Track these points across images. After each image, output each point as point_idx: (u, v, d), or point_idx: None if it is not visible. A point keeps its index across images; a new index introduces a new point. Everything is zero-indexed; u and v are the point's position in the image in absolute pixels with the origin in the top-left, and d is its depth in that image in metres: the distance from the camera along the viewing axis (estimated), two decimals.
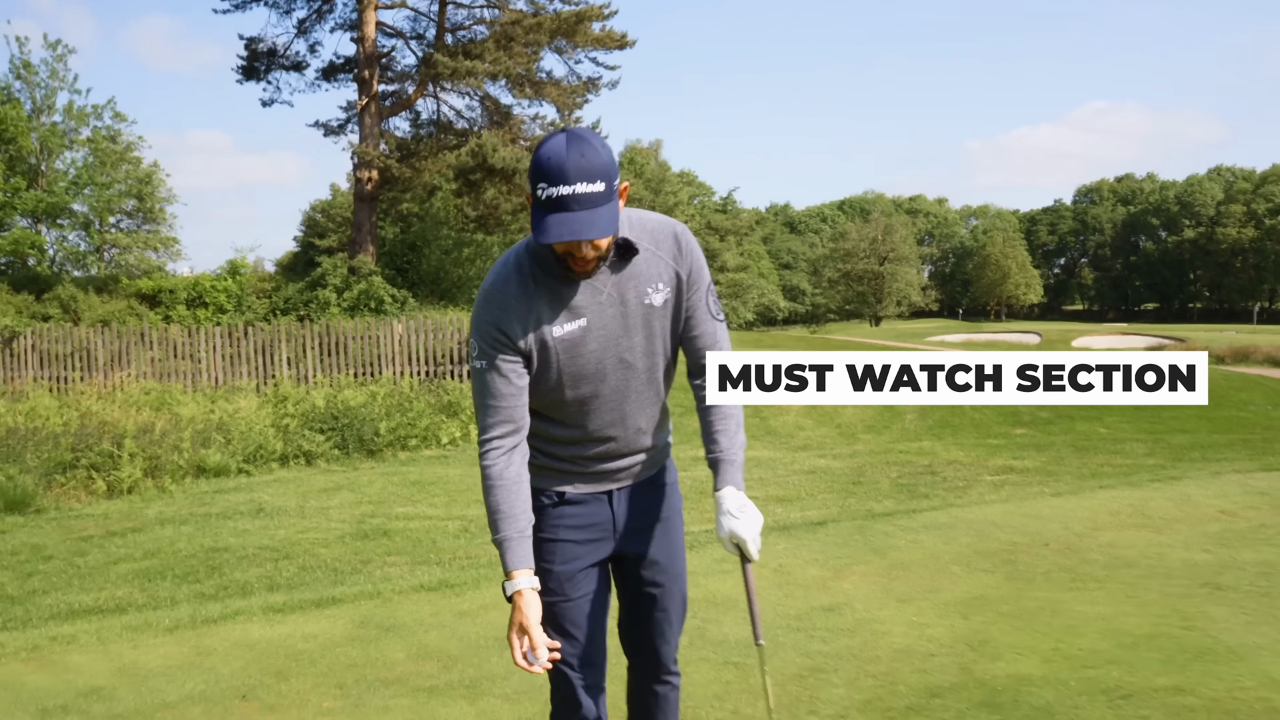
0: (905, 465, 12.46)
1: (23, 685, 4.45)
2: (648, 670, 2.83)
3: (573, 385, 2.48)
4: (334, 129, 25.58)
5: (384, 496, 10.71)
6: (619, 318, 2.47)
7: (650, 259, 2.49)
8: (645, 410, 2.61)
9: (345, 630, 5.19)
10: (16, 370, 18.77)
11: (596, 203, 2.21)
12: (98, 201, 44.65)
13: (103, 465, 11.02)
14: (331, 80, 25.51)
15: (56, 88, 43.42)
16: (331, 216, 50.84)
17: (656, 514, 2.72)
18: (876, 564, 6.29)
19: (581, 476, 2.61)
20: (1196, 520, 7.38)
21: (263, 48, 25.02)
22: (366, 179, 23.72)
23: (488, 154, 22.52)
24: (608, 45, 24.55)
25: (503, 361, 2.42)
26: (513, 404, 2.43)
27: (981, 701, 3.95)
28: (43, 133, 41.92)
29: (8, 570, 7.63)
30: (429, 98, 25.38)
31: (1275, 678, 4.11)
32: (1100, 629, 4.82)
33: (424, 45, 25.17)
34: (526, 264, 2.44)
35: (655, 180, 61.76)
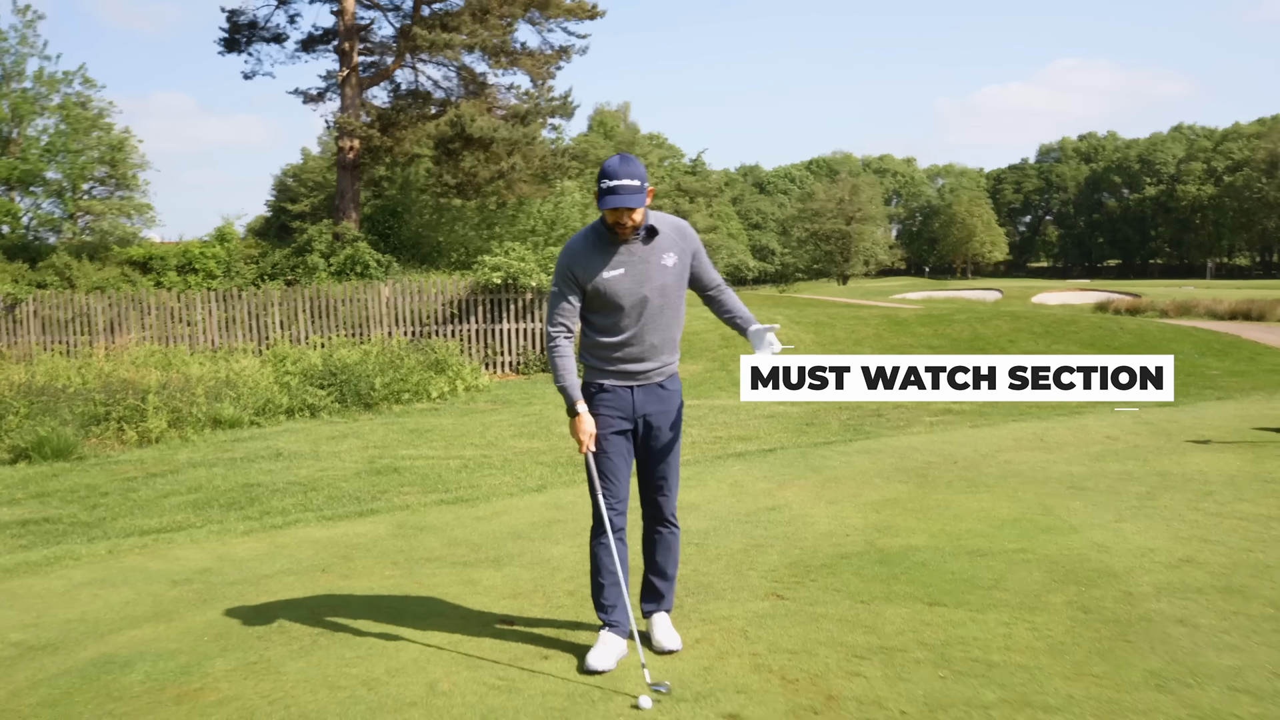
0: (856, 410, 13.84)
1: (148, 568, 5.79)
2: (654, 517, 4.24)
3: (614, 308, 3.95)
4: (314, 97, 26.48)
5: (387, 442, 12.00)
6: (644, 270, 3.95)
7: (666, 238, 4.02)
8: (656, 331, 4.02)
9: (387, 530, 6.56)
10: (20, 335, 19.87)
11: (633, 191, 3.78)
12: (71, 169, 45.01)
13: (131, 418, 12.26)
14: (311, 51, 26.40)
15: (26, 54, 43.58)
16: (303, 181, 51.46)
17: (663, 405, 4.12)
18: (814, 479, 7.71)
19: (614, 374, 4.04)
20: (1084, 444, 8.84)
21: (244, 20, 25.88)
22: (348, 148, 24.76)
23: (465, 124, 23.61)
24: (578, 15, 25.58)
25: (567, 290, 3.97)
26: (570, 315, 3.99)
27: (877, 560, 5.35)
28: (13, 100, 42.21)
29: (74, 504, 8.90)
30: (407, 68, 26.37)
31: (1096, 541, 5.54)
32: (977, 516, 6.25)
33: (402, 17, 26.10)
34: (591, 235, 3.98)
35: (625, 143, 62.72)
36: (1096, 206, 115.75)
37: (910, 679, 3.75)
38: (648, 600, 4.29)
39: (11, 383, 13.11)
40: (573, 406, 3.96)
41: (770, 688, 3.71)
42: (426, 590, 5.09)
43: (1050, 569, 5.06)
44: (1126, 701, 3.50)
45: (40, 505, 8.84)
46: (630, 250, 3.94)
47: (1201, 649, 3.95)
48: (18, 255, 24.65)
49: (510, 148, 24.19)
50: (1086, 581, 4.84)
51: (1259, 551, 5.27)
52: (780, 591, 4.86)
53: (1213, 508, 6.28)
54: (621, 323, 3.97)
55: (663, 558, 4.25)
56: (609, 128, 64.01)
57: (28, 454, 10.96)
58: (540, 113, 25.40)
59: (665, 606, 4.28)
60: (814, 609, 4.57)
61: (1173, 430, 9.44)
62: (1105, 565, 5.10)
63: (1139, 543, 5.50)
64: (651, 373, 4.08)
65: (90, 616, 4.86)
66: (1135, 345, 21.61)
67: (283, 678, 3.93)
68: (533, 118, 25.15)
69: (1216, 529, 5.75)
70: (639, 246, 3.95)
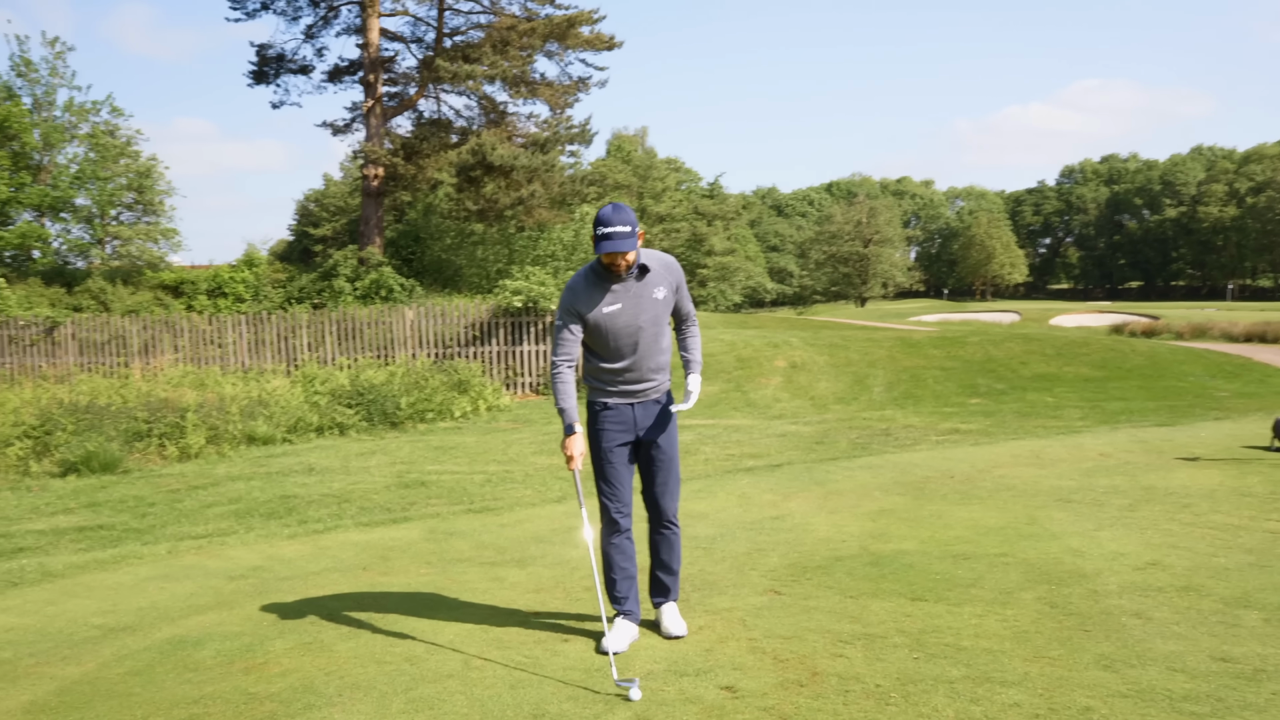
0: (865, 429, 14.33)
1: (205, 566, 6.37)
2: (658, 519, 4.76)
3: (613, 338, 4.46)
4: (340, 128, 27.32)
5: (413, 458, 12.58)
6: (638, 304, 4.46)
7: (657, 274, 4.52)
8: (652, 356, 4.55)
9: (420, 535, 7.12)
10: (59, 357, 20.61)
11: (625, 237, 4.27)
12: (100, 195, 46.05)
13: (171, 434, 12.90)
14: (337, 82, 27.23)
15: (56, 84, 44.74)
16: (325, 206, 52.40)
17: (659, 419, 4.66)
18: (817, 491, 8.23)
19: (616, 393, 4.57)
20: (1078, 460, 9.33)
21: (272, 53, 26.75)
22: (373, 176, 25.52)
23: (486, 152, 24.33)
24: (597, 47, 26.33)
25: (570, 322, 4.46)
26: (572, 345, 4.48)
27: (868, 562, 5.86)
28: (44, 129, 43.32)
29: (125, 513, 9.51)
30: (430, 98, 27.18)
31: (1073, 547, 6.04)
32: (966, 524, 6.76)
33: (424, 49, 26.93)
34: (589, 274, 4.48)
35: (642, 167, 63.51)
36: (1117, 228, 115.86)
37: (887, 659, 4.26)
38: (656, 594, 4.82)
39: (58, 401, 13.78)
40: (570, 427, 4.44)
41: (763, 665, 4.23)
42: (458, 585, 5.65)
43: (1026, 570, 5.56)
44: (1075, 679, 4.00)
45: (93, 514, 9.45)
46: (625, 287, 4.45)
47: (1151, 637, 4.45)
48: (54, 280, 25.46)
49: (530, 175, 24.88)
50: (1058, 581, 5.34)
51: (1221, 556, 5.76)
52: (778, 588, 5.38)
53: (1188, 518, 6.76)
54: (621, 351, 4.49)
55: (667, 555, 4.77)
56: (627, 152, 64.85)
57: (76, 467, 11.60)
58: (559, 140, 26.10)
59: (672, 598, 4.81)
60: (807, 602, 5.09)
61: (1165, 448, 9.92)
62: (1077, 567, 5.59)
63: (1112, 548, 5.99)
64: (649, 390, 4.62)
65: (160, 605, 5.45)
66: (1146, 368, 22.02)
67: (336, 655, 4.49)
68: (551, 145, 25.84)
69: (1187, 537, 6.24)
70: (633, 283, 4.46)
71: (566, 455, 4.44)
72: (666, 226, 65.50)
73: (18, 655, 4.69)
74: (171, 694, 4.10)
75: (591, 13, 25.58)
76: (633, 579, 4.66)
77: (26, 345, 20.54)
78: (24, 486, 11.05)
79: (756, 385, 20.76)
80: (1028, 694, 3.85)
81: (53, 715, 3.93)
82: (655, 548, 4.80)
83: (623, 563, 4.63)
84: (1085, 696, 3.81)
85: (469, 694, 3.99)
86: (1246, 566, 5.50)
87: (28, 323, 20.61)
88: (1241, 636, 4.42)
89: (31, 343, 20.52)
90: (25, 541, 8.22)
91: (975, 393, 19.36)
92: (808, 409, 18.18)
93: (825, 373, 21.73)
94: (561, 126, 26.86)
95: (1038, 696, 3.83)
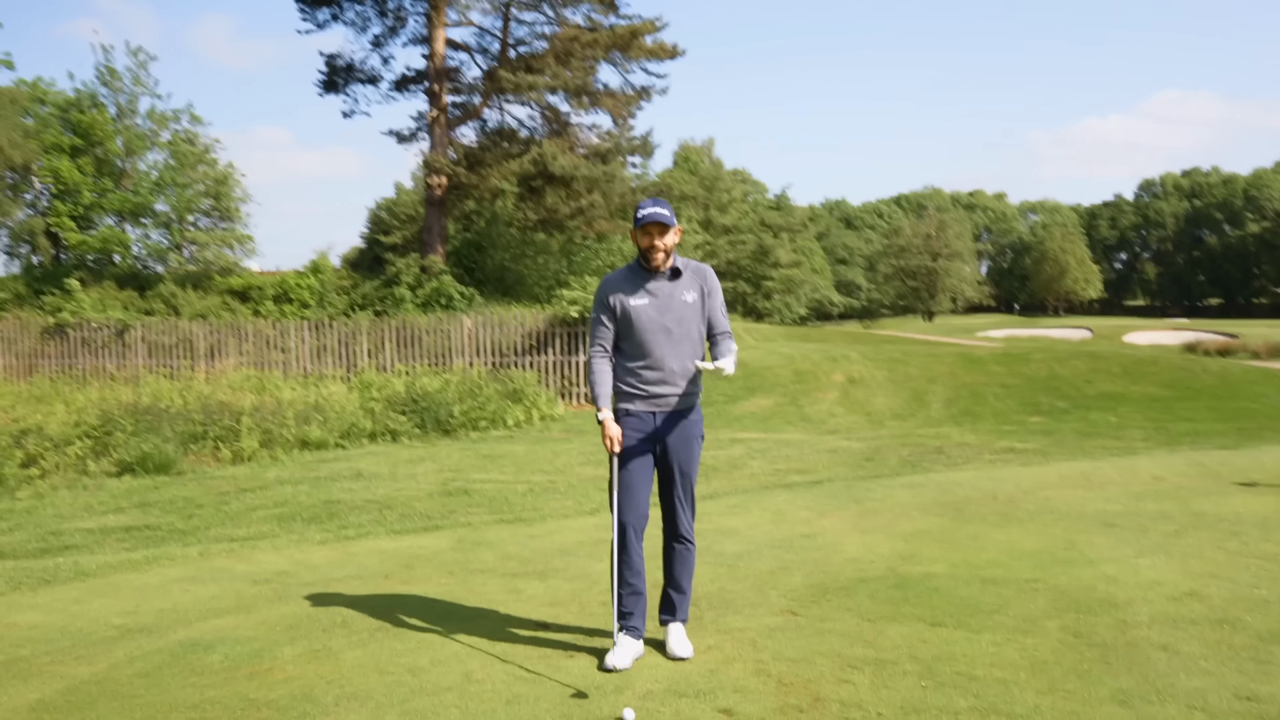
0: (918, 446, 14.10)
1: (233, 569, 6.45)
2: (672, 534, 4.71)
3: (640, 334, 4.53)
4: (406, 137, 27.71)
5: (461, 466, 12.66)
6: (666, 303, 4.55)
7: (689, 278, 4.61)
8: (676, 359, 4.55)
9: (448, 544, 7.14)
10: (128, 359, 21.15)
11: (666, 218, 4.47)
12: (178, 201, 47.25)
13: (226, 437, 13.14)
14: (403, 92, 27.63)
15: (139, 93, 46.07)
16: (396, 214, 53.21)
17: (681, 432, 4.62)
18: (854, 509, 8.09)
19: (641, 397, 4.58)
20: (1129, 483, 9.06)
21: (341, 63, 27.23)
22: (437, 185, 25.82)
23: (548, 162, 24.49)
24: (659, 56, 26.38)
25: (603, 313, 4.61)
26: (606, 337, 4.62)
27: (893, 585, 5.73)
28: (127, 136, 44.62)
29: (173, 514, 9.69)
30: (494, 108, 27.43)
31: (1108, 574, 5.84)
32: (1001, 548, 6.58)
33: (489, 59, 27.21)
34: (626, 270, 4.65)
35: (709, 178, 63.42)
36: (1197, 243, 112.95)
37: (894, 687, 4.15)
38: (664, 612, 4.74)
39: (120, 402, 14.12)
40: (599, 412, 4.54)
41: (766, 689, 4.14)
42: (476, 596, 5.64)
43: (1056, 597, 5.39)
44: (1087, 714, 3.85)
45: (142, 514, 9.65)
46: (658, 285, 4.57)
47: (1174, 672, 4.27)
48: (127, 284, 26.17)
49: (590, 185, 24.99)
50: (1086, 610, 5.16)
51: (1264, 588, 5.52)
52: (795, 609, 5.28)
53: (1235, 546, 6.51)
54: (645, 346, 4.54)
55: (678, 572, 4.70)
56: (693, 163, 64.83)
57: (132, 468, 11.87)
58: (620, 151, 26.19)
59: (680, 617, 4.72)
60: (822, 624, 4.99)
61: (1223, 472, 9.59)
62: (1109, 595, 5.41)
63: (1149, 576, 5.78)
64: (672, 398, 4.59)
65: (181, 607, 5.53)
66: (1216, 388, 21.38)
67: (341, 663, 4.50)
68: (613, 156, 25.94)
69: (1230, 566, 6.00)
70: (665, 283, 4.57)
71: (606, 439, 4.51)
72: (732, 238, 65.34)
73: (35, 653, 4.78)
74: (174, 697, 4.13)
75: (654, 22, 25.65)
76: (640, 595, 4.60)
77: (98, 347, 21.11)
78: (81, 485, 11.33)
79: (812, 400, 20.56)
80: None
81: (57, 714, 3.99)
82: (668, 563, 4.75)
83: (630, 578, 4.58)
84: None
85: (464, 708, 3.96)
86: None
87: (100, 325, 21.18)
88: (1272, 674, 4.22)
89: (103, 345, 21.09)
90: (73, 539, 8.41)
91: (1036, 411, 18.96)
92: (863, 425, 17.95)
93: (883, 388, 21.44)
94: (623, 138, 26.95)
95: None
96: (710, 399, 20.71)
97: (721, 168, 67.18)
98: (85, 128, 42.43)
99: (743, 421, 18.28)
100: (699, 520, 7.17)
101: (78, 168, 41.91)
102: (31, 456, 11.87)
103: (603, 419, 4.52)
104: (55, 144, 42.81)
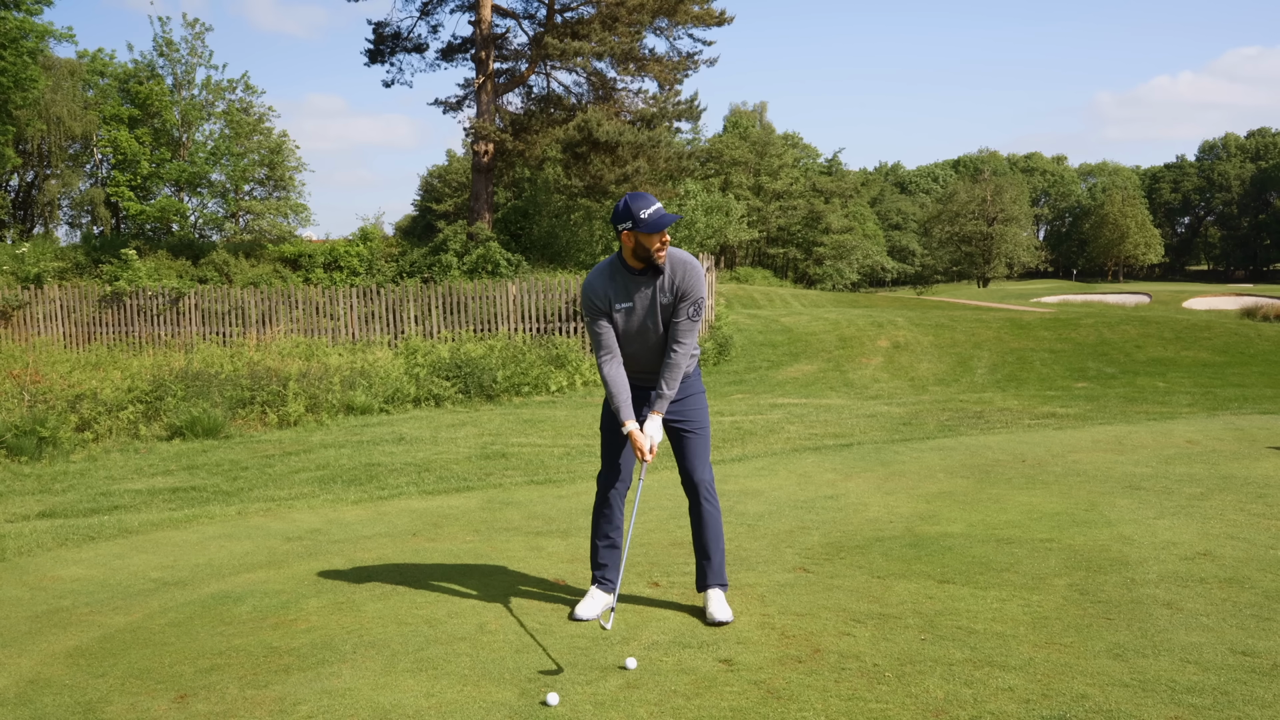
0: (959, 411, 14.05)
1: (268, 527, 6.70)
2: (695, 492, 4.73)
3: (626, 334, 4.54)
4: (452, 105, 27.88)
5: (501, 430, 12.87)
6: (647, 306, 4.49)
7: (669, 279, 4.48)
8: (658, 356, 4.59)
9: (477, 504, 7.34)
10: (182, 326, 21.66)
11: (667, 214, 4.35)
12: (234, 171, 48.01)
13: (273, 402, 13.48)
14: (450, 60, 27.79)
15: (195, 64, 46.80)
16: (448, 182, 53.66)
17: (680, 403, 4.66)
18: (880, 471, 8.15)
19: (635, 376, 4.64)
20: (1161, 447, 9.00)
21: (388, 31, 27.43)
22: (483, 151, 26.00)
23: (592, 128, 24.52)
24: (706, 22, 26.24)
25: (599, 317, 4.51)
26: (609, 335, 4.52)
27: (908, 544, 5.81)
28: (184, 106, 45.36)
29: (218, 476, 10.01)
30: (540, 75, 27.50)
31: (1124, 535, 5.87)
32: (1021, 509, 6.62)
33: (535, 25, 27.25)
34: (607, 270, 4.52)
35: (759, 143, 63.03)
36: (1264, 206, 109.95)
37: (893, 640, 4.25)
38: (701, 581, 4.77)
39: (172, 368, 14.52)
40: (622, 425, 4.49)
41: (768, 640, 4.27)
42: (498, 553, 5.82)
43: (1068, 557, 5.44)
44: (1080, 666, 3.92)
45: (190, 476, 9.98)
46: (641, 285, 4.47)
47: (1174, 628, 4.32)
48: (182, 252, 26.71)
49: (635, 151, 25.00)
50: (1096, 568, 5.21)
51: (1279, 549, 5.53)
52: (807, 566, 5.39)
53: (1259, 509, 6.48)
54: (631, 344, 4.57)
55: (706, 538, 4.70)
56: (744, 128, 64.43)
57: (182, 431, 12.24)
58: (666, 116, 26.15)
59: (717, 582, 4.73)
60: (832, 581, 5.09)
61: (1260, 436, 9.48)
62: (1122, 555, 5.44)
63: (1166, 537, 5.80)
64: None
65: (216, 562, 5.78)
66: (1272, 353, 20.99)
67: (362, 614, 4.70)
68: (658, 121, 25.92)
69: (1249, 528, 5.99)
70: (648, 282, 4.47)
71: (636, 450, 4.46)
72: (783, 204, 65.01)
73: (75, 604, 5.05)
74: (201, 645, 4.36)
75: None
76: (616, 549, 4.73)
77: (154, 315, 21.64)
78: (133, 448, 11.72)
79: (856, 365, 20.53)
80: (1026, 679, 3.80)
81: (91, 660, 4.23)
82: (694, 529, 4.76)
83: (609, 532, 4.73)
84: (1084, 684, 3.74)
85: (475, 656, 4.14)
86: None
87: (155, 293, 21.69)
88: (1272, 631, 4.26)
89: (158, 313, 21.61)
90: (121, 500, 8.75)
91: (1084, 376, 18.77)
92: (905, 390, 17.91)
93: (928, 353, 21.34)
94: (669, 103, 26.89)
95: (1035, 682, 3.78)
96: (754, 365, 20.77)
97: (773, 132, 66.77)
98: (143, 99, 43.25)
99: (784, 387, 18.32)
100: (724, 482, 7.33)
101: (136, 138, 42.77)
102: (86, 420, 12.28)
103: (629, 430, 4.47)
104: (114, 115, 43.73)
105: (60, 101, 42.71)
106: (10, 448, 11.06)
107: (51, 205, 49.69)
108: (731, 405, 15.31)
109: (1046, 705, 3.57)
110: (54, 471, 10.47)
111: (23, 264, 24.01)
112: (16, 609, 5.06)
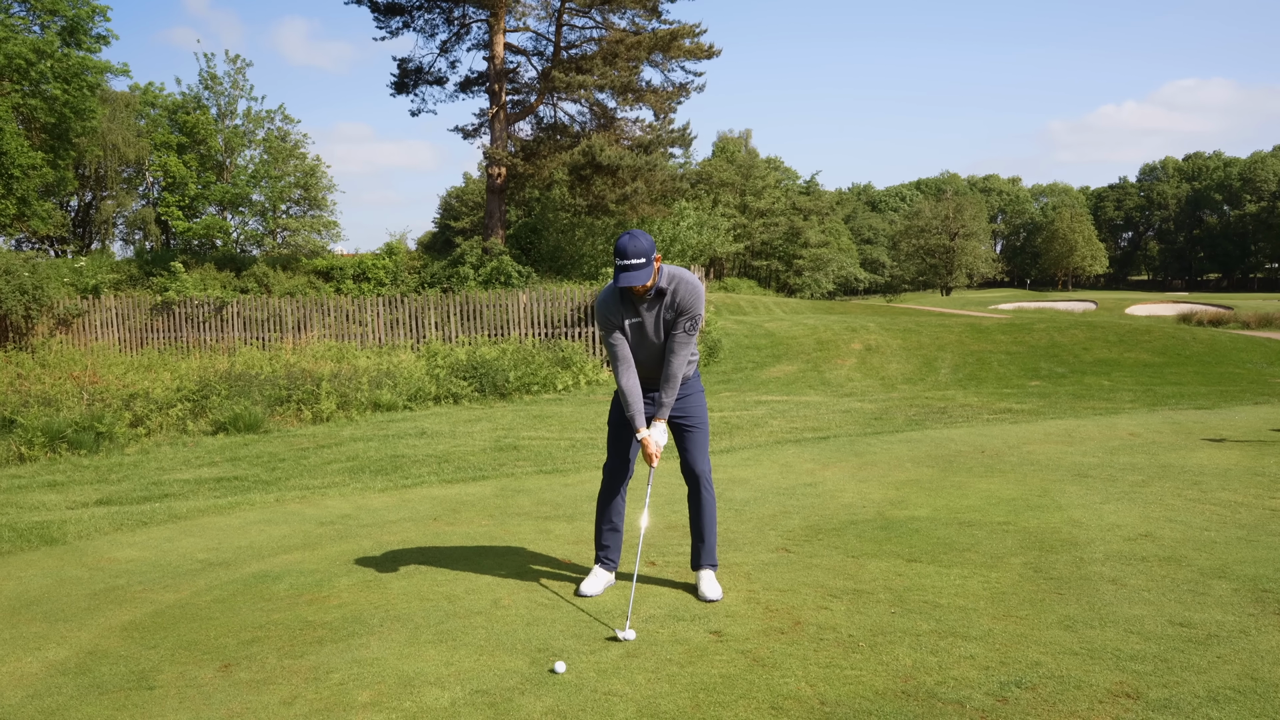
0: (925, 407, 14.04)
1: (302, 512, 6.69)
2: (695, 481, 4.71)
3: (637, 344, 4.50)
4: (470, 132, 27.86)
5: (513, 425, 12.85)
6: (653, 322, 4.47)
7: (670, 298, 4.44)
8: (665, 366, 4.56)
9: (492, 491, 7.32)
10: (225, 332, 21.61)
11: (640, 269, 4.25)
12: (272, 192, 47.99)
13: (307, 400, 13.44)
14: (467, 92, 27.74)
15: (237, 95, 46.79)
16: (465, 201, 53.63)
17: (682, 404, 4.64)
18: (854, 461, 8.14)
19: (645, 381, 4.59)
20: (1107, 439, 9.01)
21: (411, 66, 27.38)
22: (497, 174, 25.97)
23: (596, 153, 24.49)
24: (697, 56, 26.19)
25: (612, 332, 4.49)
26: (623, 346, 4.49)
27: (880, 526, 5.81)
28: (227, 134, 45.35)
29: (258, 467, 9.98)
30: (548, 105, 27.46)
31: (1074, 518, 5.87)
32: (981, 495, 6.62)
33: (543, 60, 27.21)
34: (616, 291, 4.46)
35: (745, 166, 62.98)
36: (1197, 223, 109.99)
37: (866, 613, 4.25)
38: (695, 561, 4.78)
39: (216, 370, 14.49)
40: (636, 432, 4.49)
41: (753, 614, 4.26)
42: (511, 535, 5.81)
43: (1023, 538, 5.44)
44: (1034, 636, 3.93)
45: (232, 466, 9.95)
46: (646, 306, 4.47)
47: (1119, 602, 4.32)
48: (226, 265, 26.65)
49: (634, 173, 24.97)
50: (1049, 548, 5.21)
51: (1213, 530, 5.53)
52: (789, 546, 5.39)
53: (1194, 494, 6.49)
54: (640, 351, 4.54)
55: (701, 521, 4.70)
56: (731, 153, 64.40)
57: (225, 427, 12.21)
58: (661, 143, 26.11)
59: (709, 563, 4.74)
60: (811, 560, 5.09)
61: (1195, 429, 9.49)
62: (1072, 536, 5.45)
63: (1111, 520, 5.81)
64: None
65: (256, 544, 5.76)
66: (1204, 355, 20.98)
67: (388, 591, 4.69)
68: (654, 147, 25.87)
69: (1186, 511, 6.00)
70: (653, 301, 4.46)
71: (647, 456, 4.45)
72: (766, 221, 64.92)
73: (130, 583, 5.03)
74: (244, 619, 4.35)
75: (694, 26, 25.47)
76: (618, 532, 4.73)
77: (200, 322, 21.60)
78: (181, 442, 11.68)
79: (832, 365, 20.51)
80: (985, 648, 3.81)
81: (144, 633, 4.22)
82: (692, 513, 4.75)
83: (612, 516, 4.73)
84: (1038, 652, 3.75)
85: (489, 629, 4.13)
86: (1234, 540, 5.27)
87: (201, 302, 21.65)
88: (1206, 604, 4.26)
89: (204, 320, 21.56)
90: (171, 489, 8.72)
91: (1036, 376, 18.76)
92: (877, 388, 17.89)
93: (897, 355, 21.33)
94: (664, 130, 26.86)
95: (994, 650, 3.78)
96: (741, 366, 20.74)
97: (756, 156, 66.71)
98: (190, 127, 43.26)
99: (768, 385, 18.30)
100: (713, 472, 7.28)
101: (184, 163, 42.80)
102: (139, 417, 12.24)
103: (642, 438, 4.45)
104: (164, 142, 43.71)
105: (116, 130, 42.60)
106: (71, 442, 11.05)
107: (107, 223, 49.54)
108: (720, 402, 15.30)
109: (1004, 672, 3.58)
110: (110, 463, 10.44)
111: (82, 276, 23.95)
112: (77, 587, 5.05)
